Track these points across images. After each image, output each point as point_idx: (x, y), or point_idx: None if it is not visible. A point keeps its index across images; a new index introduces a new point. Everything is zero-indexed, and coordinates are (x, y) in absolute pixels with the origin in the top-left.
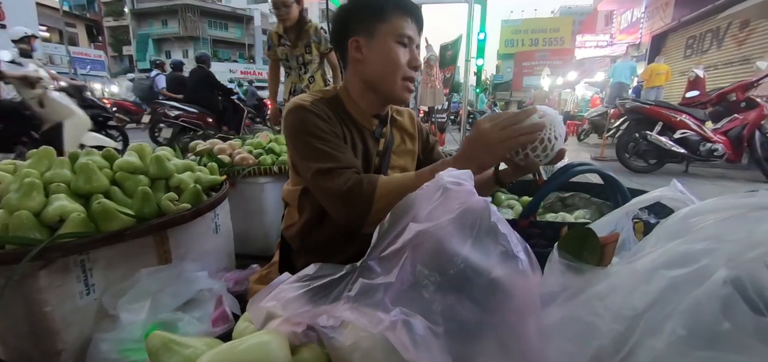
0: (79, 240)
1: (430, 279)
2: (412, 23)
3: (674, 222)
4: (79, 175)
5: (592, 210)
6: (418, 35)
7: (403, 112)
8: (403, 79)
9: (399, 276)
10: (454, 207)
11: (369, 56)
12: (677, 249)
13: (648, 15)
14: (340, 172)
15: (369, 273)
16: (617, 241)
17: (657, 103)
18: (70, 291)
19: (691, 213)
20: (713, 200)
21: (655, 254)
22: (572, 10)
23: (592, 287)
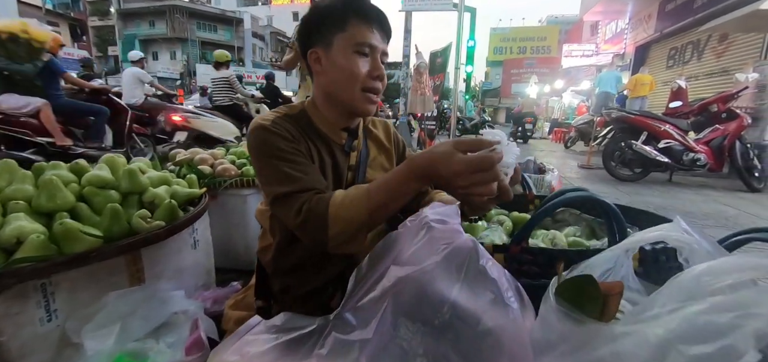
0: (37, 264)
1: (414, 332)
2: (375, 31)
3: (687, 281)
4: (41, 191)
5: (582, 227)
6: (385, 42)
7: (378, 123)
8: (364, 91)
9: (377, 329)
10: (440, 247)
11: (327, 68)
12: (696, 319)
13: (632, 26)
14: (297, 196)
15: (343, 327)
16: (622, 294)
17: (642, 113)
18: (30, 319)
19: (706, 271)
20: (730, 258)
21: (668, 320)
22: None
23: (596, 348)
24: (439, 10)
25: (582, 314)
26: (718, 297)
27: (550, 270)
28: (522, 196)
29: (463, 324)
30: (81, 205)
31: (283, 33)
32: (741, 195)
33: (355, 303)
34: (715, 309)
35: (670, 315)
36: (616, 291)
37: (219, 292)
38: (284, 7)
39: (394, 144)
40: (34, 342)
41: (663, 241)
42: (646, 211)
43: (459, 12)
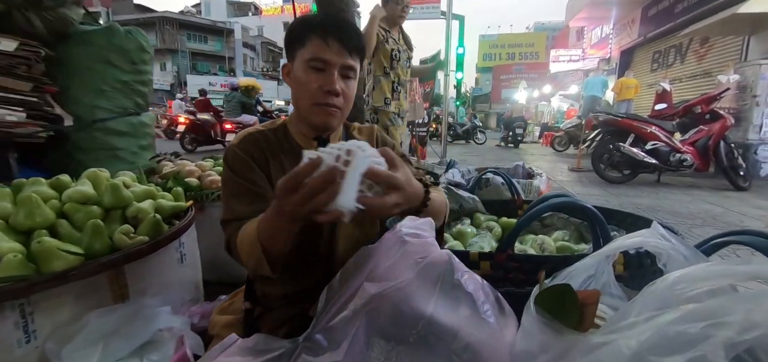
0: (13, 285)
1: (388, 351)
2: (331, 45)
3: (661, 289)
4: (19, 208)
5: (570, 231)
6: (346, 56)
7: (363, 130)
8: (316, 104)
9: (349, 351)
10: (414, 261)
11: (291, 82)
12: (668, 330)
13: (616, 31)
14: (227, 224)
15: (314, 349)
16: (598, 302)
17: (628, 116)
18: (6, 340)
19: (680, 279)
20: (702, 266)
21: (642, 330)
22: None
23: (574, 359)
24: (427, 19)
25: (561, 324)
26: (690, 306)
27: (535, 278)
28: (511, 202)
29: (438, 340)
30: (61, 222)
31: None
32: (727, 195)
33: (325, 323)
34: (686, 318)
35: (644, 325)
36: (592, 301)
37: (207, 307)
38: (275, 17)
39: (379, 145)
40: None
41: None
42: (631, 214)
43: (447, 20)
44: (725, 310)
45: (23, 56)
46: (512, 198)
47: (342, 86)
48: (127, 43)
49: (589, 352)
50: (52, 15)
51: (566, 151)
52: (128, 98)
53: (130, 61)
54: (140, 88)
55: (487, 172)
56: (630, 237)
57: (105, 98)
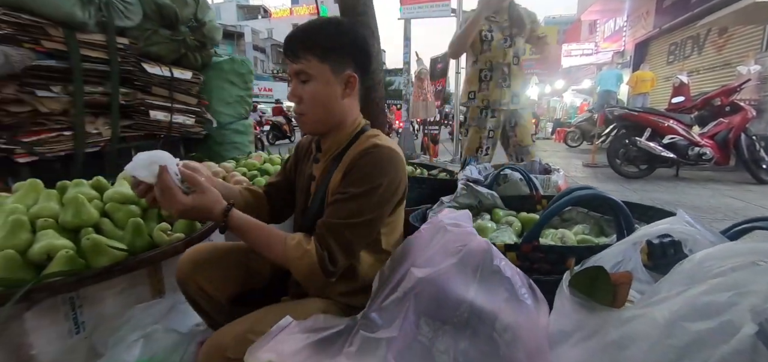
0: (67, 278)
1: (434, 330)
2: (289, 61)
3: (690, 267)
4: (67, 208)
5: (591, 225)
6: (294, 63)
7: (356, 151)
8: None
9: (402, 328)
10: (455, 249)
11: None
12: (698, 299)
13: (630, 23)
14: None
15: (370, 326)
16: (630, 282)
17: (645, 110)
18: (59, 332)
19: (707, 257)
20: (727, 244)
21: (673, 302)
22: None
23: (609, 333)
24: (437, 17)
25: (594, 302)
26: (717, 279)
27: (560, 267)
28: (529, 197)
29: (480, 321)
30: (104, 220)
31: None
32: (749, 188)
33: (379, 304)
34: (715, 289)
35: (675, 298)
36: (625, 280)
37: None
38: (284, 19)
39: (346, 170)
40: (64, 354)
41: (669, 234)
42: (653, 207)
43: (457, 17)
44: (750, 281)
45: (192, 81)
46: (531, 193)
47: (299, 91)
48: (241, 68)
49: (624, 324)
50: (204, 53)
51: (579, 147)
52: (241, 107)
53: (242, 80)
54: (248, 99)
55: (504, 169)
56: (656, 224)
57: (229, 107)
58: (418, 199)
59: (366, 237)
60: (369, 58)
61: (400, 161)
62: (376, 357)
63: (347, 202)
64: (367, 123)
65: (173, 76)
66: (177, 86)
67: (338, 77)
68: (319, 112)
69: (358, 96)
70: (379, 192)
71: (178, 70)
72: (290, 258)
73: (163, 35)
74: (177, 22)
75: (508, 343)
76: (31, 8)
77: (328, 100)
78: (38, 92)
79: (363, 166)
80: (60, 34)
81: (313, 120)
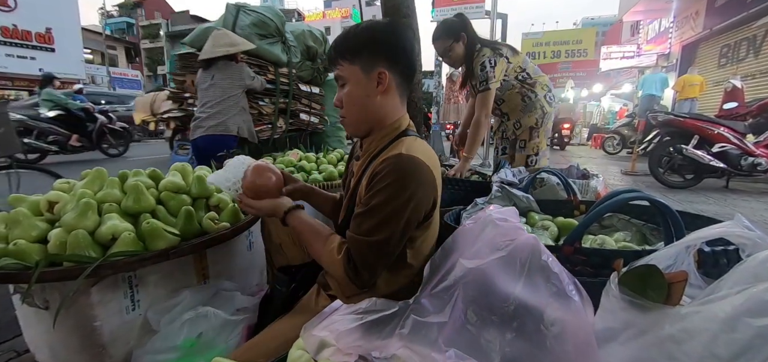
0: (129, 258)
1: (482, 319)
2: (332, 69)
3: (754, 266)
4: (129, 194)
5: (632, 233)
6: (335, 69)
7: (382, 159)
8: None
9: (452, 314)
10: (503, 243)
11: None
12: (763, 296)
13: (677, 24)
14: None
15: (421, 311)
16: (686, 281)
17: (692, 116)
18: (118, 307)
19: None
20: None
21: (735, 299)
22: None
23: (663, 329)
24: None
25: (648, 301)
26: None
27: (603, 271)
28: (567, 202)
29: (528, 314)
30: (159, 208)
31: None
32: None
33: (430, 291)
34: None
35: (737, 295)
36: (681, 279)
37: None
38: (317, 21)
39: (365, 181)
40: (121, 328)
41: (724, 241)
42: (703, 216)
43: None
44: None
45: (320, 94)
46: (568, 198)
47: (340, 96)
48: None
49: (680, 320)
50: (325, 74)
51: (618, 154)
52: None
53: None
54: None
55: (541, 172)
56: (712, 228)
57: (335, 111)
58: (451, 200)
59: (387, 255)
60: (402, 52)
61: (426, 174)
62: (428, 339)
63: (368, 217)
64: (409, 126)
65: (311, 91)
66: (312, 97)
67: (369, 76)
68: (355, 112)
69: (397, 94)
70: (399, 207)
71: (314, 87)
72: (324, 263)
73: (307, 65)
74: (316, 55)
75: (556, 336)
76: (263, 55)
77: (362, 99)
78: (260, 102)
79: (384, 176)
80: (272, 69)
81: (352, 121)
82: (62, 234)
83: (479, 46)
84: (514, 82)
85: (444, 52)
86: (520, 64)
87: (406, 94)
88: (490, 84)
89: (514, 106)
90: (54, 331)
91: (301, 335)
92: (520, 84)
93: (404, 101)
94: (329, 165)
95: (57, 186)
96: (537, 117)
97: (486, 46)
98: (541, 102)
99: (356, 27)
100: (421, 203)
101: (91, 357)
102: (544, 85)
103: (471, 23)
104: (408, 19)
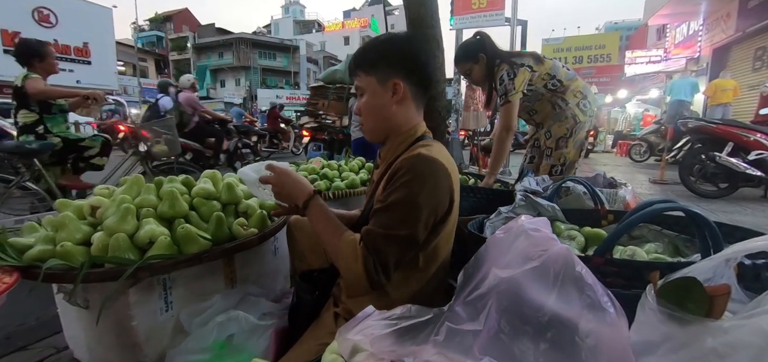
0: (165, 261)
1: (515, 329)
2: (354, 76)
3: None
4: (165, 200)
5: (664, 244)
6: (355, 80)
7: (401, 159)
8: None
9: (486, 323)
10: (535, 254)
11: None
12: None
13: (707, 27)
14: None
15: (455, 318)
16: (729, 295)
17: (726, 122)
18: (153, 308)
19: None
20: None
21: None
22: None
23: (706, 342)
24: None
25: (687, 313)
26: None
27: (636, 282)
28: (594, 211)
29: (562, 325)
30: (192, 213)
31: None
32: None
33: (464, 299)
34: None
35: None
36: (723, 292)
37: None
38: (336, 32)
39: (384, 180)
40: (155, 328)
41: (766, 254)
42: (741, 227)
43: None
44: None
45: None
46: (595, 208)
47: (359, 105)
48: None
49: (723, 334)
50: None
51: (645, 162)
52: None
53: None
54: None
55: (566, 181)
56: (754, 240)
57: None
58: (473, 209)
59: (403, 252)
60: (417, 63)
61: (443, 174)
62: (463, 347)
63: (385, 212)
64: (426, 132)
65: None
66: None
67: (384, 86)
68: (371, 120)
69: (412, 103)
70: (416, 203)
71: None
72: (342, 253)
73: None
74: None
75: (591, 349)
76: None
77: (378, 108)
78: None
79: (403, 174)
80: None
81: (369, 129)
82: (104, 237)
83: (498, 62)
84: (542, 90)
85: (466, 73)
86: (548, 70)
87: (423, 102)
88: (510, 97)
89: (545, 115)
90: (93, 329)
91: (336, 338)
92: (550, 92)
93: (421, 109)
94: (351, 172)
95: (98, 192)
96: (568, 126)
97: (504, 62)
98: (573, 110)
99: (374, 40)
100: (439, 202)
101: (127, 355)
102: (576, 92)
103: (490, 40)
104: (432, 30)
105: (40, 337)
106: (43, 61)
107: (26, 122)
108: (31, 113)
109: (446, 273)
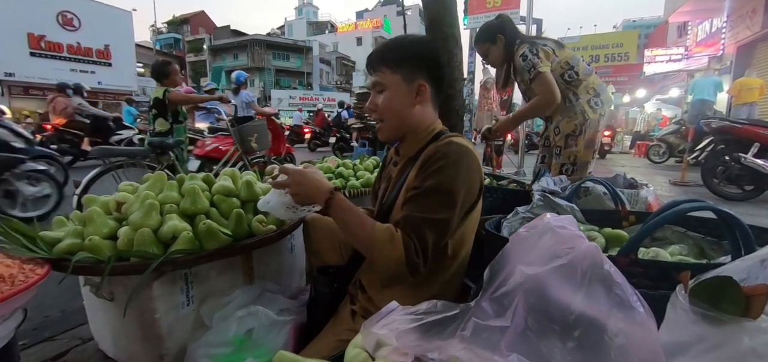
0: (187, 256)
1: (542, 326)
2: (369, 74)
3: None
4: (187, 197)
5: (689, 246)
6: (372, 74)
7: (432, 147)
8: None
9: (513, 319)
10: (562, 251)
11: None
12: None
13: (731, 24)
14: None
15: (482, 314)
16: (767, 295)
17: (752, 122)
18: (175, 302)
19: None
20: None
21: None
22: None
23: (743, 342)
24: None
25: (721, 313)
26: None
27: (663, 283)
28: (614, 212)
29: (590, 324)
30: (213, 210)
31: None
32: None
33: (490, 295)
34: None
35: None
36: (761, 292)
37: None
38: (348, 33)
39: (421, 163)
40: (177, 321)
41: None
42: None
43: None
44: None
45: None
46: (616, 208)
47: (376, 101)
48: None
49: (762, 334)
50: None
51: (665, 163)
52: None
53: None
54: None
55: (586, 181)
56: None
57: None
58: (489, 209)
59: (440, 236)
60: (440, 67)
61: (474, 161)
62: (490, 343)
63: (424, 197)
64: (444, 128)
65: None
66: None
67: (410, 86)
68: (392, 118)
69: (431, 104)
70: (453, 188)
71: None
72: (377, 241)
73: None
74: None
75: (620, 348)
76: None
77: (400, 106)
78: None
79: (438, 159)
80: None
81: (388, 126)
82: (130, 232)
83: (518, 42)
84: (558, 80)
85: (483, 54)
86: (567, 59)
87: (439, 102)
88: (539, 67)
89: (556, 108)
90: (118, 321)
91: (361, 332)
92: (565, 84)
93: (436, 109)
94: (366, 171)
95: (122, 188)
96: (576, 123)
97: (525, 42)
98: (583, 106)
99: (400, 39)
100: (471, 188)
101: (150, 347)
102: (589, 88)
103: (511, 22)
104: (451, 29)
105: (66, 328)
106: (168, 77)
107: (161, 130)
108: (166, 122)
109: (464, 272)
